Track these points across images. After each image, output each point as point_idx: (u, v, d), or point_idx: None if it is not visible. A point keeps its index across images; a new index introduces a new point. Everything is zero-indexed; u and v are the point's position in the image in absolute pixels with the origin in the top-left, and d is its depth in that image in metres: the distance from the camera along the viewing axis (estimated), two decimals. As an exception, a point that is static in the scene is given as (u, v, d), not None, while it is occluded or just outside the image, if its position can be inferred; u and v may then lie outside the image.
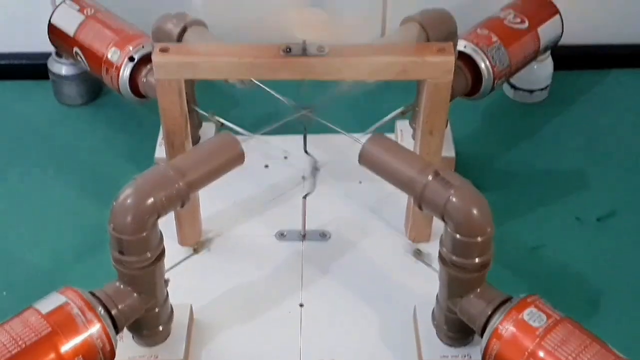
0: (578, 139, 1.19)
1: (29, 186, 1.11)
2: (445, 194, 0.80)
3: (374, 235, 1.03)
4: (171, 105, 0.89)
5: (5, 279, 0.99)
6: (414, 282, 0.97)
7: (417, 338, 0.90)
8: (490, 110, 1.23)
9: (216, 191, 0.91)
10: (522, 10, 1.13)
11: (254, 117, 1.06)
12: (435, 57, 0.87)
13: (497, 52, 1.07)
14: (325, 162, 1.09)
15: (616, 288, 0.98)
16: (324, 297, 0.96)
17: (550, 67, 1.23)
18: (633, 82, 1.29)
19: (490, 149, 1.17)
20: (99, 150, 1.17)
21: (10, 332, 0.75)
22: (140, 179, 0.81)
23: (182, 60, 0.87)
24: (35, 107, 1.24)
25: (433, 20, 0.97)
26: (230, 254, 1.01)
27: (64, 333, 0.76)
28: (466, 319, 0.84)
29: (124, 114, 1.22)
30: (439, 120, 0.91)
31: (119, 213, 0.79)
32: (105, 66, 1.09)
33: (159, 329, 0.87)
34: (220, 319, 0.93)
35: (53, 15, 1.16)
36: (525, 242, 1.03)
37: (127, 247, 0.80)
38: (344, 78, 0.89)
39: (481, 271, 0.82)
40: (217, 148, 0.87)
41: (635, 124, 1.21)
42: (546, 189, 1.11)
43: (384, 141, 0.87)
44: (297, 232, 1.03)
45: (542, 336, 0.77)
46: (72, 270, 1.00)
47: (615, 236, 1.05)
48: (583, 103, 1.25)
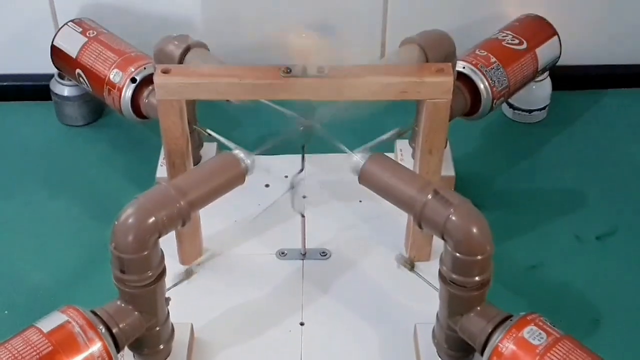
0: (577, 158, 1.19)
1: (31, 206, 1.11)
2: (444, 213, 0.80)
3: (374, 254, 1.03)
4: (172, 126, 0.90)
5: (7, 298, 0.99)
6: (414, 300, 0.96)
7: (417, 356, 0.90)
8: (489, 130, 1.23)
9: (217, 210, 0.91)
10: (520, 32, 1.14)
11: (254, 138, 1.06)
12: (434, 77, 0.87)
13: (496, 72, 1.07)
14: (325, 182, 1.10)
15: (616, 306, 0.98)
16: (324, 315, 0.96)
17: (548, 87, 1.23)
18: (630, 101, 1.29)
19: (489, 168, 1.17)
20: (101, 170, 1.17)
21: (12, 350, 0.75)
22: (141, 198, 0.81)
23: (184, 81, 0.88)
24: (38, 127, 1.25)
25: (432, 41, 0.97)
26: (231, 272, 1.01)
27: (65, 351, 0.76)
28: (466, 337, 0.83)
29: (126, 134, 1.22)
30: (438, 140, 0.91)
31: (120, 232, 0.79)
32: (108, 87, 1.09)
33: (160, 348, 0.87)
34: (221, 337, 0.93)
35: (56, 37, 1.17)
36: (524, 261, 1.03)
37: (128, 266, 0.80)
38: (343, 99, 0.89)
39: (481, 289, 0.82)
40: (218, 168, 0.87)
41: (633, 143, 1.22)
42: (545, 208, 1.11)
43: (383, 160, 0.87)
44: (297, 251, 1.02)
45: (542, 354, 0.77)
46: (73, 289, 1.00)
47: (615, 255, 1.05)
48: (581, 123, 1.25)
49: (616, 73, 1.31)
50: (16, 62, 1.27)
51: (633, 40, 1.29)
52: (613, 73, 1.31)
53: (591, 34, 1.27)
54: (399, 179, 0.85)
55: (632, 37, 1.29)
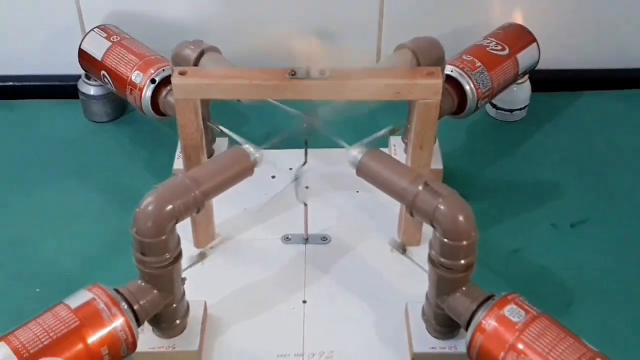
0: (553, 154, 1.19)
1: (60, 194, 1.11)
2: (434, 202, 0.80)
3: (370, 239, 1.03)
4: (188, 122, 0.90)
5: (39, 278, 0.99)
6: (406, 281, 0.96)
7: (408, 332, 0.90)
8: (474, 128, 1.23)
9: (228, 199, 0.91)
10: (502, 39, 1.13)
11: (262, 133, 1.06)
12: (425, 80, 0.87)
13: (481, 75, 1.07)
14: (325, 174, 1.10)
15: (588, 287, 0.98)
16: (325, 294, 0.96)
17: (528, 89, 1.23)
18: (603, 103, 1.29)
19: (474, 162, 1.17)
20: (124, 162, 1.17)
21: (43, 324, 0.75)
22: (160, 188, 0.81)
23: (199, 82, 0.88)
24: (67, 123, 1.25)
25: (423, 47, 0.97)
26: (240, 255, 1.01)
27: (91, 326, 0.76)
28: (453, 315, 0.84)
29: (146, 130, 1.22)
30: (428, 136, 0.91)
31: (141, 218, 0.79)
32: (130, 87, 1.09)
33: (177, 323, 0.87)
34: (231, 313, 0.93)
35: (83, 42, 1.17)
36: (506, 246, 1.03)
37: (148, 249, 0.80)
38: (343, 98, 0.89)
39: (466, 272, 0.82)
40: (229, 161, 0.87)
41: (605, 141, 1.21)
42: (525, 198, 1.11)
43: (379, 155, 0.87)
44: (300, 236, 1.02)
45: (521, 330, 0.77)
46: (98, 270, 1.00)
47: (588, 240, 1.05)
48: (558, 122, 1.25)
49: (590, 77, 1.31)
50: (47, 64, 1.27)
51: (605, 47, 1.29)
52: (587, 77, 1.31)
53: (567, 41, 1.27)
54: (393, 172, 0.85)
55: (604, 44, 1.29)
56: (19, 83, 1.29)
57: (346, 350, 0.89)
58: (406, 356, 0.88)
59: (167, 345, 0.87)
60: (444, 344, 0.87)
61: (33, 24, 1.23)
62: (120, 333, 0.78)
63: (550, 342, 0.76)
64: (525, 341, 0.77)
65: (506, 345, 0.77)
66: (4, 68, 1.28)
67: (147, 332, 0.87)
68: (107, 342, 0.76)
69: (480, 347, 0.79)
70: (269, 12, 1.22)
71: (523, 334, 0.77)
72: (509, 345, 0.77)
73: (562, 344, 0.76)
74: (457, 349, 0.86)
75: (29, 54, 1.26)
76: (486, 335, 0.79)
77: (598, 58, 1.30)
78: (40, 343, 0.73)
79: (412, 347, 0.88)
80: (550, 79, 1.28)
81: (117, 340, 0.77)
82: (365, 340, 0.90)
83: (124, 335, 0.78)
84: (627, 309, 0.96)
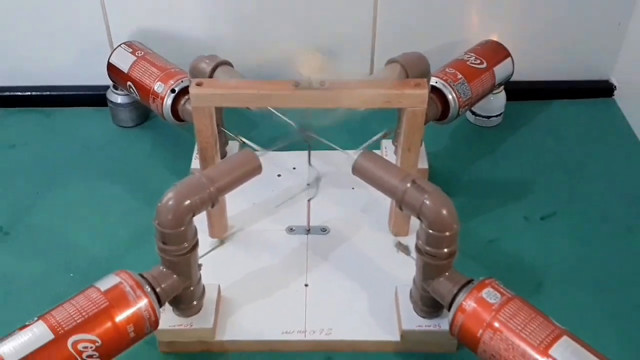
0: (526, 155, 1.19)
1: (91, 191, 1.12)
2: (420, 198, 0.80)
3: (364, 231, 1.03)
4: (204, 128, 0.90)
5: (73, 264, 0.99)
6: (396, 267, 0.96)
7: (398, 311, 0.90)
8: (456, 132, 1.23)
9: (239, 195, 0.91)
10: (481, 54, 1.13)
11: (269, 137, 1.06)
12: (413, 90, 0.87)
13: (462, 86, 1.07)
14: (325, 173, 1.10)
15: (556, 272, 0.98)
16: (324, 279, 0.96)
17: (503, 98, 1.23)
18: (570, 110, 1.29)
19: (456, 162, 1.17)
20: (147, 162, 1.17)
21: (76, 305, 0.75)
22: (179, 185, 0.81)
23: (213, 92, 0.88)
24: (97, 128, 1.25)
25: (411, 61, 0.97)
26: (250, 244, 1.01)
27: (118, 306, 0.76)
28: (437, 297, 0.84)
29: (167, 134, 1.22)
30: (415, 140, 0.91)
31: (162, 212, 0.79)
32: (152, 96, 1.09)
33: (194, 304, 0.87)
34: (242, 296, 0.93)
35: (111, 56, 1.17)
36: (483, 236, 1.03)
37: (168, 239, 0.80)
38: (340, 106, 0.89)
39: (449, 259, 0.82)
40: (240, 161, 0.87)
41: (571, 143, 1.21)
42: (500, 194, 1.11)
43: (372, 156, 0.87)
44: (303, 228, 1.02)
45: (497, 310, 0.77)
46: (125, 257, 1.00)
47: (555, 231, 1.05)
48: (530, 127, 1.25)
49: (558, 87, 1.31)
50: (80, 76, 1.27)
51: (572, 62, 1.29)
52: (556, 87, 1.31)
53: (538, 55, 1.27)
54: (384, 171, 0.85)
55: (571, 59, 1.29)
56: (55, 92, 1.29)
57: (343, 327, 0.89)
58: (396, 333, 0.88)
59: (185, 324, 0.87)
60: (429, 322, 0.87)
61: (68, 41, 1.23)
62: (144, 312, 0.78)
63: (522, 321, 0.76)
64: (500, 320, 0.77)
65: (484, 324, 0.77)
66: (41, 79, 1.28)
67: (168, 312, 0.87)
68: (132, 321, 0.77)
69: (461, 325, 0.79)
70: (275, 31, 1.22)
71: (499, 313, 0.77)
72: (487, 323, 0.77)
73: (533, 323, 0.76)
74: (441, 327, 0.87)
75: (64, 67, 1.26)
76: (466, 314, 0.79)
77: (565, 70, 1.30)
78: (73, 321, 0.74)
79: (401, 325, 0.88)
80: (523, 89, 1.28)
81: (141, 319, 0.78)
82: (359, 319, 0.90)
83: (147, 315, 0.78)
84: (590, 292, 0.96)
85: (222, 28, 1.22)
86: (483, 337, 0.77)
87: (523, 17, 1.22)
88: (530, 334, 0.75)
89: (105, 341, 0.74)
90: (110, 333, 0.75)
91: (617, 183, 1.13)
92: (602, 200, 1.10)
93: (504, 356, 0.76)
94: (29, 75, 1.27)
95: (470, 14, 1.21)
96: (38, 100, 1.29)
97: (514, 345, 0.75)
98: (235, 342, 0.88)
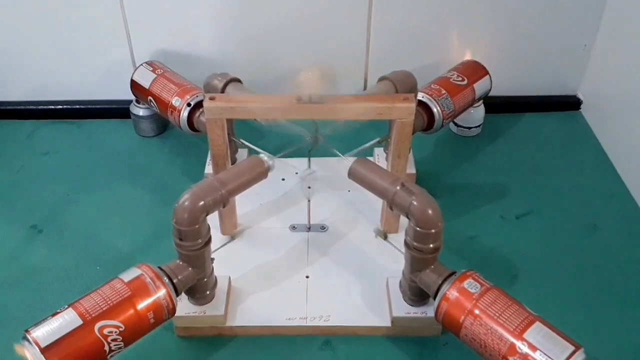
0: (502, 162, 1.19)
1: (116, 194, 1.11)
2: (409, 199, 0.80)
3: (359, 228, 1.03)
4: (216, 137, 0.90)
5: (99, 259, 0.99)
6: (387, 261, 0.96)
7: (388, 300, 0.90)
8: (440, 141, 1.23)
9: (248, 196, 0.91)
10: (463, 72, 1.13)
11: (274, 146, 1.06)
12: (402, 104, 0.87)
13: (445, 101, 1.07)
14: (324, 176, 1.10)
15: (529, 265, 0.98)
16: (323, 271, 0.96)
17: (482, 111, 1.23)
18: (541, 122, 1.29)
19: (440, 168, 1.17)
20: (166, 168, 1.17)
21: (102, 294, 0.75)
22: (194, 188, 0.81)
23: (225, 105, 0.88)
24: (121, 138, 1.25)
25: (400, 78, 0.97)
26: (257, 240, 1.01)
27: (140, 295, 0.76)
28: (424, 287, 0.84)
29: (183, 143, 1.22)
30: (404, 148, 0.91)
31: (179, 211, 0.79)
32: (170, 109, 1.09)
33: (207, 293, 0.87)
34: (249, 286, 0.93)
35: (134, 74, 1.17)
36: (465, 233, 1.03)
37: (184, 236, 0.80)
38: (337, 119, 0.89)
39: (434, 253, 0.82)
40: (248, 166, 0.87)
41: (543, 151, 1.21)
42: (480, 196, 1.11)
43: (366, 162, 0.87)
44: (304, 225, 1.02)
45: (477, 299, 0.77)
46: (146, 252, 1.00)
47: (529, 229, 1.05)
48: (506, 137, 1.25)
49: (530, 102, 1.31)
50: (106, 92, 1.27)
51: (543, 79, 1.29)
52: (528, 102, 1.31)
53: (513, 74, 1.27)
54: (377, 176, 0.85)
55: (542, 76, 1.29)
56: (84, 106, 1.28)
57: (340, 314, 0.89)
58: (387, 319, 0.88)
59: (199, 311, 0.87)
60: (416, 309, 0.87)
61: (96, 61, 1.23)
62: (163, 301, 0.78)
63: (500, 308, 0.76)
64: (480, 307, 0.77)
65: (465, 311, 0.77)
66: (73, 94, 1.28)
67: (184, 300, 0.87)
68: (152, 308, 0.77)
69: (445, 312, 0.79)
70: (279, 51, 1.22)
71: (479, 302, 0.77)
72: (468, 310, 0.77)
73: (509, 310, 0.76)
74: (427, 314, 0.86)
75: (92, 83, 1.26)
76: (450, 303, 0.79)
77: (537, 87, 1.30)
78: (100, 309, 0.74)
79: (392, 312, 0.88)
80: (500, 103, 1.28)
81: (160, 307, 0.77)
82: (355, 307, 0.90)
83: (165, 303, 0.78)
84: (560, 282, 0.96)
85: (232, 49, 1.22)
86: (465, 322, 0.77)
87: (500, 40, 1.22)
88: (506, 320, 0.75)
89: (128, 326, 0.74)
90: (132, 319, 0.75)
91: (584, 186, 1.13)
92: (570, 201, 1.10)
93: (483, 340, 0.76)
94: (62, 91, 1.27)
95: (452, 37, 1.22)
96: (69, 113, 1.29)
97: (492, 330, 0.75)
98: (244, 327, 0.88)
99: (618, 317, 0.91)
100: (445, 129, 1.17)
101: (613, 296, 0.93)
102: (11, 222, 1.05)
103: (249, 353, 0.86)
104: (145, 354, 0.84)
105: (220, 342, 0.88)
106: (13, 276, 0.96)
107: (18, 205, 1.09)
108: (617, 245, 1.01)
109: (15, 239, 1.02)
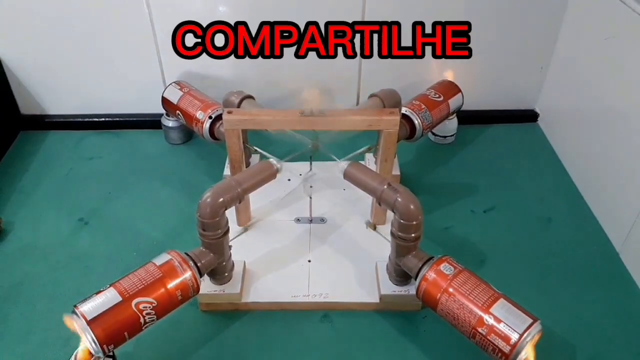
0: (472, 165, 1.19)
1: (149, 193, 1.11)
2: (394, 196, 0.80)
3: (353, 220, 1.03)
4: (233, 144, 0.90)
5: (136, 246, 0.99)
6: (376, 247, 0.97)
7: (377, 280, 0.90)
8: (420, 148, 1.23)
9: (260, 194, 0.91)
10: (439, 90, 1.14)
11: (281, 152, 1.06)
12: (388, 116, 0.87)
13: (425, 114, 1.07)
14: (323, 177, 1.10)
15: (495, 251, 0.98)
16: (323, 256, 0.96)
17: (455, 123, 1.23)
18: (504, 132, 1.29)
19: (421, 170, 1.17)
20: (191, 170, 1.17)
21: (138, 276, 0.76)
22: (215, 187, 0.81)
23: (241, 118, 0.88)
24: (154, 145, 1.25)
25: (387, 95, 0.97)
26: (267, 231, 1.01)
27: (170, 277, 0.77)
28: (407, 270, 0.84)
29: (206, 149, 1.22)
30: (390, 154, 0.91)
31: (202, 206, 0.80)
32: (195, 121, 1.09)
33: (225, 275, 0.88)
34: (261, 269, 0.93)
35: (164, 92, 1.17)
36: (441, 224, 1.03)
37: (206, 227, 0.81)
38: (335, 129, 0.89)
39: (416, 241, 0.82)
40: (260, 169, 0.87)
41: (505, 157, 1.21)
42: (453, 193, 1.11)
43: (358, 166, 0.87)
44: (307, 218, 1.02)
45: (451, 279, 0.78)
46: (174, 240, 1.00)
47: (495, 221, 1.05)
48: (475, 144, 1.25)
49: (497, 115, 1.31)
50: (141, 107, 1.27)
51: (506, 95, 1.29)
52: (495, 115, 1.31)
53: (482, 91, 1.27)
54: (367, 177, 0.85)
55: (505, 93, 1.29)
56: (122, 119, 1.28)
57: (336, 292, 0.89)
58: (376, 296, 0.88)
59: (219, 290, 0.87)
60: (401, 288, 0.88)
61: (132, 80, 1.23)
62: (189, 281, 0.78)
63: (470, 287, 0.76)
64: (454, 286, 0.77)
65: (441, 289, 0.78)
66: (113, 108, 1.28)
67: (206, 281, 0.88)
68: (180, 287, 0.77)
69: (425, 290, 0.80)
70: (285, 73, 1.22)
71: (453, 282, 0.77)
72: (443, 289, 0.77)
73: (478, 288, 0.76)
74: (409, 292, 0.87)
75: (129, 99, 1.26)
76: (428, 283, 0.79)
77: (501, 102, 1.30)
78: (136, 288, 0.74)
79: (380, 290, 0.88)
80: (470, 116, 1.28)
81: (186, 286, 0.78)
82: (349, 286, 0.90)
83: (191, 283, 0.78)
84: (520, 265, 0.96)
85: (247, 71, 1.22)
86: (441, 299, 0.77)
87: (470, 64, 1.22)
88: (476, 297, 0.75)
89: (159, 303, 0.75)
90: (163, 297, 0.75)
91: (540, 186, 1.13)
92: (529, 198, 1.10)
93: (456, 313, 0.76)
94: (105, 106, 1.27)
95: (431, 62, 1.22)
96: (110, 124, 1.29)
97: (464, 305, 0.75)
98: (256, 303, 0.88)
99: (568, 294, 0.91)
100: (424, 137, 1.17)
101: (564, 277, 0.94)
102: (62, 216, 1.05)
103: (260, 325, 0.87)
104: (174, 326, 0.85)
105: (236, 315, 0.88)
106: (64, 260, 0.96)
107: (67, 202, 1.09)
108: (568, 235, 1.02)
109: (66, 230, 1.02)
